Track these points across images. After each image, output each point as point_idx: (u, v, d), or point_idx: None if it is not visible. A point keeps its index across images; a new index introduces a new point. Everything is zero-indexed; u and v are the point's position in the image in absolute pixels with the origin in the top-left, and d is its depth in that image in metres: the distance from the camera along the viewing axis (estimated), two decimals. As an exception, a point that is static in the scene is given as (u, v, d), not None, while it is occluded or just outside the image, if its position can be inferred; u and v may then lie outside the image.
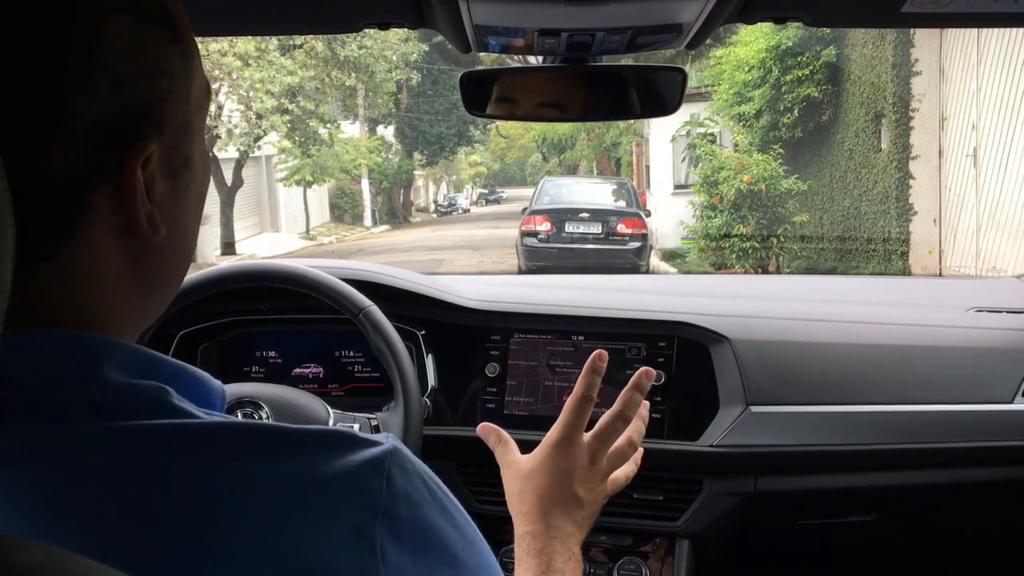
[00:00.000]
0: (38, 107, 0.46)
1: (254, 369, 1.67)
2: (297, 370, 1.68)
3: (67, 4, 0.47)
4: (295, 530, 0.46)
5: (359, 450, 0.50)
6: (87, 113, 0.47)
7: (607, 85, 1.32)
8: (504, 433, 0.99)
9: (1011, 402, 1.53)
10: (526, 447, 1.53)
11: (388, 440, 0.52)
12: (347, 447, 0.50)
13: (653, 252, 12.03)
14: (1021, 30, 6.87)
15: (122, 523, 0.44)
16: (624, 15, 1.05)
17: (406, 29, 1.23)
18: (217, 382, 0.57)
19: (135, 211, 0.50)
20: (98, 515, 0.44)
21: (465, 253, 14.88)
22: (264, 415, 1.32)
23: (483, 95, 1.34)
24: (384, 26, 1.19)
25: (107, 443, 0.46)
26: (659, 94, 1.32)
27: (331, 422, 1.37)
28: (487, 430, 0.99)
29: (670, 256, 12.43)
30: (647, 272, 10.68)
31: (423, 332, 1.59)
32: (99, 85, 0.48)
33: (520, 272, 10.54)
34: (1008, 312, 1.70)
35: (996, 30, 7.39)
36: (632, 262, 10.71)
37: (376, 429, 1.39)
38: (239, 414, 1.28)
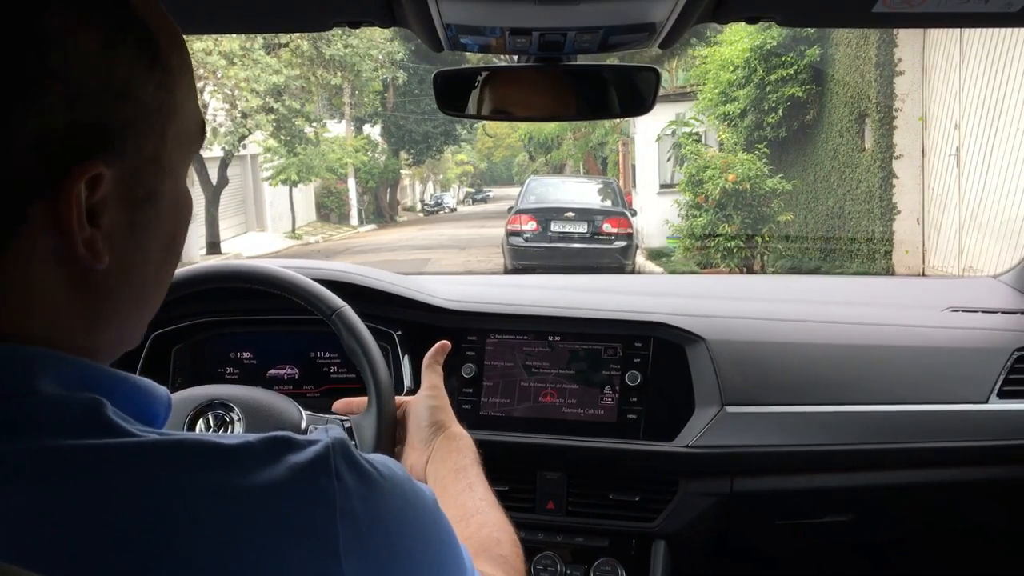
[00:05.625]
0: None
1: (228, 370, 1.66)
2: (272, 371, 1.66)
3: (28, 9, 0.46)
4: (249, 541, 0.45)
5: (299, 451, 0.49)
6: (30, 122, 0.46)
7: (581, 85, 1.31)
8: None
9: (986, 402, 1.54)
10: (503, 448, 1.54)
11: (325, 436, 0.51)
12: (285, 451, 0.49)
13: (639, 251, 12.04)
14: (1004, 30, 6.92)
15: (63, 551, 0.43)
16: (594, 14, 1.05)
17: (383, 28, 1.22)
18: (163, 389, 0.55)
19: (71, 233, 0.48)
20: (29, 541, 0.43)
21: (451, 252, 14.84)
22: (235, 417, 1.30)
23: (457, 95, 1.33)
24: (355, 24, 1.18)
25: (42, 465, 0.44)
26: (633, 94, 1.32)
27: (303, 424, 1.36)
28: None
29: (656, 255, 12.45)
30: (633, 271, 10.69)
31: (399, 333, 1.58)
32: (49, 95, 0.46)
33: (506, 271, 10.53)
34: (983, 312, 1.70)
35: (979, 30, 7.43)
36: (618, 261, 10.72)
37: (350, 431, 1.37)
38: (210, 416, 1.26)
